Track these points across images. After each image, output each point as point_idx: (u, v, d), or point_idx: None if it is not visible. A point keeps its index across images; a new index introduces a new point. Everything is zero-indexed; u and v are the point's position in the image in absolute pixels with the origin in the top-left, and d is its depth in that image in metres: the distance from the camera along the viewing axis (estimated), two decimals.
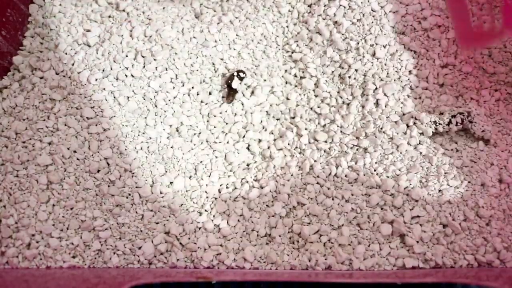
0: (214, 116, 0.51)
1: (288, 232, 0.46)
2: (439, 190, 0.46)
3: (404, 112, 0.50)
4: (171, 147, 0.49)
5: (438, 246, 0.44)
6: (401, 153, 0.48)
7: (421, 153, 0.48)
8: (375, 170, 0.47)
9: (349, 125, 0.50)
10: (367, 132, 0.49)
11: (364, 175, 0.47)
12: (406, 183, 0.46)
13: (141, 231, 0.46)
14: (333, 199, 0.46)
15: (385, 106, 0.50)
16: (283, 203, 0.47)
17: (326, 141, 0.50)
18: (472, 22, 0.49)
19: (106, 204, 0.47)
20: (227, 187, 0.48)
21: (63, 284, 0.39)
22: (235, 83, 0.50)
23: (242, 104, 0.52)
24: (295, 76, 0.54)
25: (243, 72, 0.51)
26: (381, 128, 0.49)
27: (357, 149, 0.49)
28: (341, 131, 0.50)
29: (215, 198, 0.47)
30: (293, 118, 0.52)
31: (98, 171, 0.48)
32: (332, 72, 0.53)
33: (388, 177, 0.47)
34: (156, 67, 0.52)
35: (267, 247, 0.45)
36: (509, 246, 0.44)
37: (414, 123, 0.49)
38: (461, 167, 0.47)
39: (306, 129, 0.51)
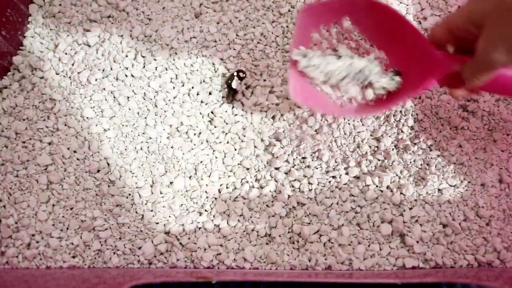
0: (214, 116, 0.51)
1: (288, 232, 0.46)
2: (438, 190, 0.46)
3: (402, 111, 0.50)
4: (171, 147, 0.49)
5: (438, 246, 0.44)
6: (398, 152, 0.48)
7: (420, 147, 0.48)
8: (374, 169, 0.47)
9: (348, 124, 0.50)
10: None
11: (363, 174, 0.47)
12: (403, 181, 0.46)
13: (141, 231, 0.46)
14: (332, 199, 0.46)
15: None
16: (283, 203, 0.47)
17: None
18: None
19: (106, 204, 0.47)
20: (227, 187, 0.48)
21: (63, 284, 0.39)
22: (235, 83, 0.50)
23: (242, 104, 0.52)
24: None
25: (243, 72, 0.51)
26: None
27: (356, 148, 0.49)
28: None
29: (215, 198, 0.47)
30: None
31: (98, 171, 0.48)
32: None
33: (386, 176, 0.47)
34: (156, 67, 0.52)
35: (267, 247, 0.45)
36: (509, 246, 0.44)
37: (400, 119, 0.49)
38: (459, 165, 0.47)
39: None
